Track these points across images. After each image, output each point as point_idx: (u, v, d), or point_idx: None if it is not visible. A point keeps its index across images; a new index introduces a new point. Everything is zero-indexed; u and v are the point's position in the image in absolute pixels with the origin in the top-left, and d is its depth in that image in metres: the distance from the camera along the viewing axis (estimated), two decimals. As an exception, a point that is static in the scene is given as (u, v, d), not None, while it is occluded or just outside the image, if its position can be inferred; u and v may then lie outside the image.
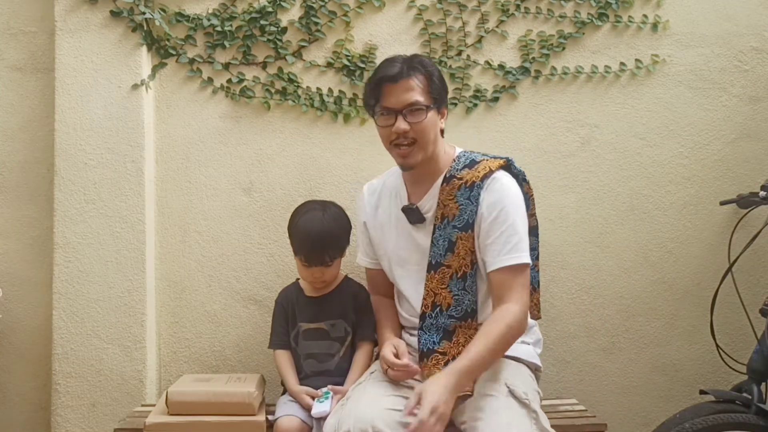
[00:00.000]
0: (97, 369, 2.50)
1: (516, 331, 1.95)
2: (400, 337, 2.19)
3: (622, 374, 2.64)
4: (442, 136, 2.12)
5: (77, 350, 2.51)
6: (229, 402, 2.16)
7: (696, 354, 2.64)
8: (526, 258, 1.98)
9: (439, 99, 2.05)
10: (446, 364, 1.99)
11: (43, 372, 2.59)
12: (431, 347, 2.07)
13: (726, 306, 2.56)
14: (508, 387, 1.93)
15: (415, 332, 2.13)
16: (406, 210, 2.14)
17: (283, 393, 2.29)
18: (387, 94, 2.02)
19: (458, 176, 2.07)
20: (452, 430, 2.05)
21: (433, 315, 2.08)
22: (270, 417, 2.17)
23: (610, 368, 2.64)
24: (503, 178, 2.05)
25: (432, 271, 2.09)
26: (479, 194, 2.02)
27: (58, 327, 2.51)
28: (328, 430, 1.92)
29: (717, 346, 2.48)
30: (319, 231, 2.21)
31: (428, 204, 2.11)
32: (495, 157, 2.11)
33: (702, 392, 2.25)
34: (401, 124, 2.01)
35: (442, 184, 2.08)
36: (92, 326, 2.51)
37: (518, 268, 1.97)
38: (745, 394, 2.16)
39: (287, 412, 2.13)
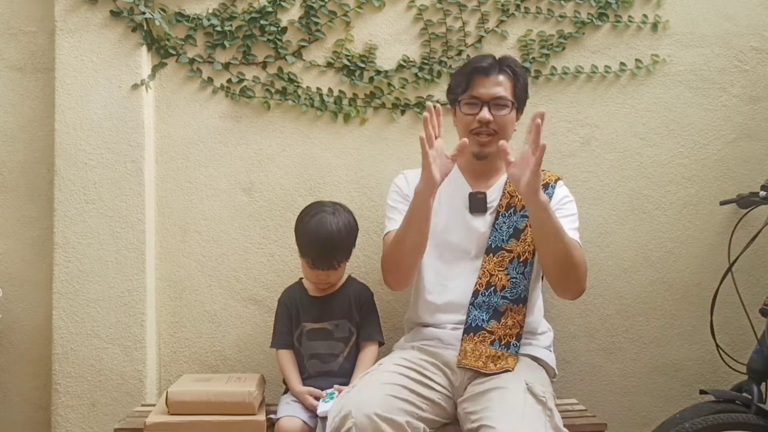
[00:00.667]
0: (97, 369, 2.50)
1: (579, 261, 2.04)
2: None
3: (622, 374, 2.64)
4: None
5: (77, 350, 2.51)
6: (229, 402, 2.16)
7: (696, 354, 2.64)
8: (578, 240, 2.15)
9: (519, 103, 2.21)
10: (492, 343, 2.10)
11: (43, 372, 2.59)
12: (479, 324, 2.14)
13: (726, 306, 2.56)
14: (527, 383, 1.97)
15: (446, 327, 2.16)
16: (473, 197, 2.22)
17: (285, 392, 2.29)
18: (477, 85, 2.18)
19: None
20: (454, 429, 2.06)
21: (487, 293, 2.15)
22: (272, 417, 2.17)
23: (610, 368, 2.64)
24: (565, 187, 2.29)
25: (491, 254, 2.18)
26: (552, 193, 2.21)
27: (58, 327, 2.51)
28: (331, 414, 1.91)
29: (717, 346, 2.48)
30: (329, 236, 2.19)
31: (493, 195, 2.23)
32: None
33: (702, 392, 2.25)
34: (486, 114, 2.15)
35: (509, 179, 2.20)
36: (92, 326, 2.51)
37: (577, 244, 2.11)
38: (745, 394, 2.16)
39: (289, 413, 2.13)
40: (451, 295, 2.18)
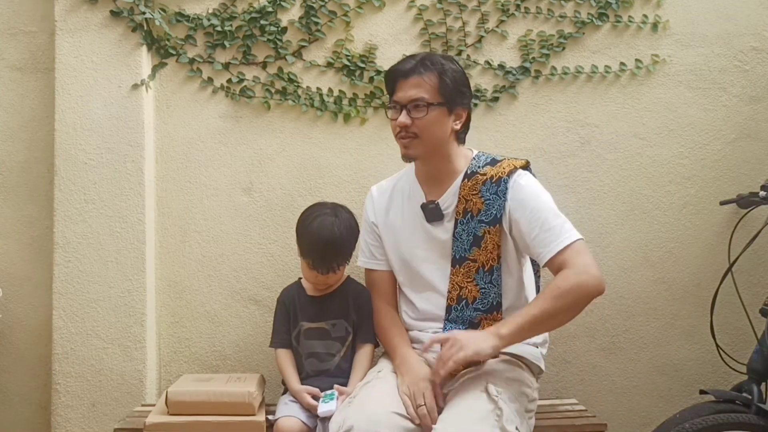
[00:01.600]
0: (97, 369, 2.50)
1: (565, 288, 1.93)
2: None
3: (622, 374, 2.64)
4: (460, 137, 2.17)
5: (77, 350, 2.51)
6: (229, 402, 2.16)
7: (696, 354, 2.64)
8: (571, 237, 2.00)
9: (449, 99, 2.09)
10: None
11: (43, 372, 2.59)
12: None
13: (726, 306, 2.56)
14: (487, 382, 1.95)
15: (427, 331, 2.15)
16: (425, 208, 2.16)
17: (284, 393, 2.30)
18: (397, 89, 2.10)
19: (481, 172, 2.12)
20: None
21: (459, 308, 2.12)
22: (270, 417, 2.17)
23: (610, 368, 2.64)
24: (526, 176, 2.11)
25: (457, 266, 2.13)
26: (506, 189, 2.07)
27: (58, 327, 2.51)
28: (333, 427, 1.92)
29: (717, 346, 2.48)
30: (331, 239, 2.18)
31: (448, 201, 2.15)
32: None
33: (702, 392, 2.24)
34: (402, 118, 2.07)
35: (463, 181, 2.13)
36: (92, 326, 2.51)
37: (567, 247, 1.99)
38: (745, 394, 2.16)
39: (287, 413, 2.13)
40: (427, 305, 2.18)
